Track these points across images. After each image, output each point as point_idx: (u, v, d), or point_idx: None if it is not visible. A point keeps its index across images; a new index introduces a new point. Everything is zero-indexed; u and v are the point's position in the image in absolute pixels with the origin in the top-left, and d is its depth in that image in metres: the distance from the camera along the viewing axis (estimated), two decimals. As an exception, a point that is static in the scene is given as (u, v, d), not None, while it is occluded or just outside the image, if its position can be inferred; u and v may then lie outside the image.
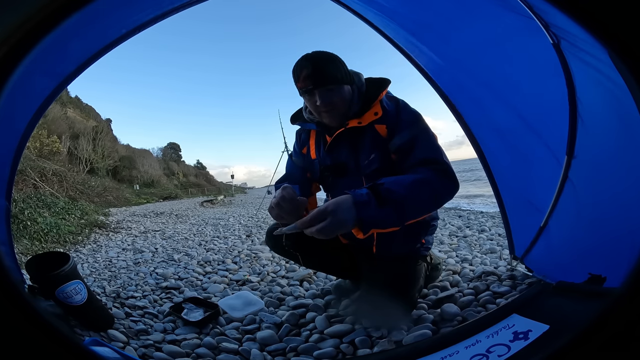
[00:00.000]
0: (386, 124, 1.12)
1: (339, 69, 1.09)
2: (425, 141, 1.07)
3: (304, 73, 1.07)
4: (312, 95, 1.09)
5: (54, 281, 1.15)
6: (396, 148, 1.09)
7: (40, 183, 9.61)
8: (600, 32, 0.42)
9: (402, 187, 0.90)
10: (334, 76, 1.07)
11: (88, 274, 2.41)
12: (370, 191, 0.86)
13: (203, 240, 3.88)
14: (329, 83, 1.07)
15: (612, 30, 0.41)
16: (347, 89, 1.12)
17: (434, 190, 0.96)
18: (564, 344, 0.42)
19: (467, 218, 3.70)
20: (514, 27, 1.07)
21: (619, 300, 0.41)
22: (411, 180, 0.93)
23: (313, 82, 1.06)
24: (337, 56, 1.11)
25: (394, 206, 0.86)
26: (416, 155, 1.04)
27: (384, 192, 0.87)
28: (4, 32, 0.35)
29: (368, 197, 0.85)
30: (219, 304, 1.42)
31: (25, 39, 0.36)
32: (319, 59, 1.08)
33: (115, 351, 0.95)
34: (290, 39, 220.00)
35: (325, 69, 1.06)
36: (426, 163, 1.02)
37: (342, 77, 1.09)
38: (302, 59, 1.09)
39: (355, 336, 1.08)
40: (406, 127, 1.09)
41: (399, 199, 0.87)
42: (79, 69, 1.13)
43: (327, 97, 1.08)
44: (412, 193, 0.91)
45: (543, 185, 1.26)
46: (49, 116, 20.92)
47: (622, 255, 0.83)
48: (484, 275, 1.45)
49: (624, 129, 0.86)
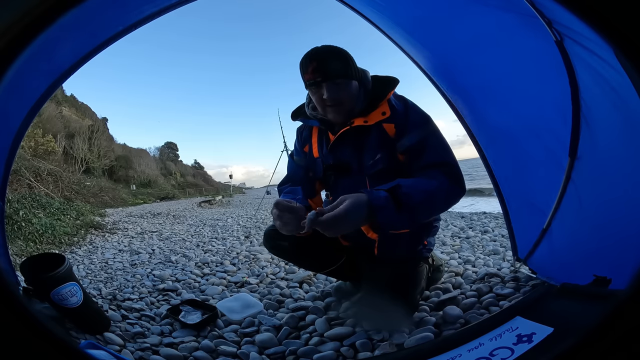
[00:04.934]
0: (395, 123, 1.10)
1: (348, 64, 1.08)
2: (436, 143, 1.07)
3: (313, 65, 1.05)
4: (319, 89, 1.08)
5: (49, 283, 1.13)
6: (405, 149, 1.08)
7: (35, 183, 9.52)
8: (606, 29, 0.41)
9: (419, 192, 0.91)
10: (343, 71, 1.06)
11: (84, 275, 2.38)
12: (389, 195, 0.86)
13: (201, 241, 3.85)
14: (337, 77, 1.05)
15: (618, 28, 0.40)
16: (354, 85, 1.10)
17: (447, 196, 0.98)
18: (569, 347, 0.42)
19: (469, 219, 3.69)
20: (514, 26, 1.06)
21: (624, 303, 0.41)
22: (427, 186, 0.94)
23: (321, 75, 1.05)
24: (347, 51, 1.10)
25: (410, 211, 0.87)
26: (427, 158, 1.04)
27: (402, 197, 0.87)
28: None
29: (386, 201, 0.85)
30: (217, 306, 1.41)
31: (19, 36, 0.36)
32: (329, 52, 1.07)
33: (112, 354, 0.94)
34: (290, 37, 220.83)
35: (334, 63, 1.05)
36: (438, 166, 1.02)
37: (351, 72, 1.08)
38: (311, 51, 1.07)
39: (356, 339, 1.06)
40: (416, 128, 1.08)
41: (415, 205, 0.89)
42: (74, 66, 1.12)
43: (334, 92, 1.06)
44: (427, 199, 0.92)
45: (545, 186, 1.25)
46: (44, 115, 20.73)
47: (627, 257, 0.82)
48: (487, 277, 1.44)
49: (628, 129, 0.86)
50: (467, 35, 1.26)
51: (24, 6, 0.36)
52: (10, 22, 0.35)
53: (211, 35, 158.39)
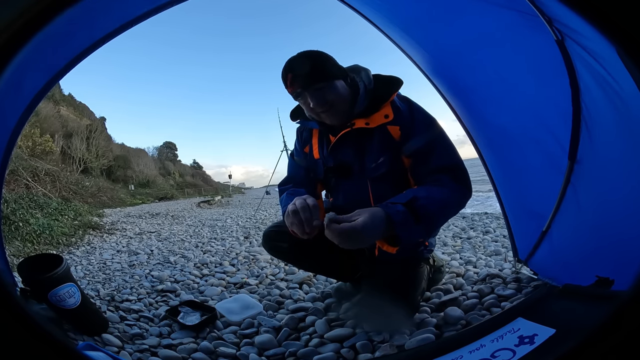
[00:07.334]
0: (400, 125, 1.08)
1: (324, 65, 1.04)
2: (443, 146, 1.06)
3: (290, 77, 1.03)
4: (304, 98, 1.05)
5: (47, 284, 1.12)
6: (411, 152, 1.07)
7: (32, 183, 9.46)
8: (608, 27, 0.41)
9: (434, 203, 0.91)
10: (321, 74, 1.02)
11: (82, 276, 2.36)
12: (407, 208, 0.86)
13: (200, 242, 3.83)
14: (316, 81, 1.02)
15: (619, 25, 0.40)
16: (340, 85, 1.06)
17: (459, 202, 1.00)
18: (571, 348, 0.42)
19: (471, 219, 3.67)
20: (514, 24, 1.05)
21: (627, 304, 0.41)
22: (440, 194, 0.95)
23: (301, 84, 1.02)
24: (322, 52, 1.06)
25: (428, 222, 0.87)
26: (435, 161, 1.03)
27: (420, 209, 0.86)
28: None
29: (405, 215, 0.84)
30: (216, 308, 1.40)
31: (17, 34, 0.35)
32: (303, 59, 1.03)
33: (110, 356, 0.94)
34: (289, 34, 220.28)
35: (310, 68, 1.01)
36: (447, 170, 1.02)
37: (331, 72, 1.04)
38: (286, 62, 1.05)
39: (356, 340, 1.06)
40: (422, 131, 1.07)
41: (432, 216, 0.89)
42: (71, 63, 1.10)
43: (319, 97, 1.03)
44: (442, 208, 0.93)
45: (544, 189, 1.25)
46: (42, 114, 20.61)
47: (629, 258, 0.82)
48: (489, 277, 1.43)
49: (629, 129, 0.85)
50: (465, 33, 1.25)
51: (21, 4, 0.35)
52: (8, 20, 0.35)
53: (210, 32, 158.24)
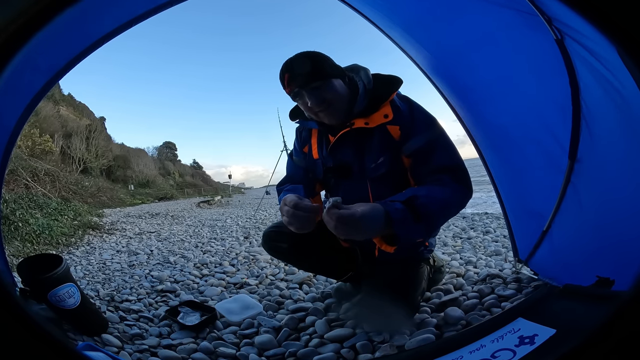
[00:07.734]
0: (400, 125, 1.08)
1: (321, 64, 1.04)
2: (444, 146, 1.06)
3: (287, 76, 1.03)
4: (302, 98, 1.06)
5: (46, 284, 1.12)
6: (412, 152, 1.06)
7: (32, 183, 9.45)
8: (607, 26, 0.41)
9: (435, 202, 0.90)
10: (318, 73, 1.03)
11: (81, 276, 2.36)
12: (406, 206, 0.85)
13: (200, 242, 3.83)
14: (313, 81, 1.02)
15: (619, 25, 0.40)
16: (338, 84, 1.07)
17: (459, 202, 0.99)
18: (572, 348, 0.42)
19: (471, 219, 3.66)
20: (514, 23, 1.05)
21: (627, 304, 0.41)
22: (441, 194, 0.94)
23: (298, 84, 1.03)
24: (318, 52, 1.07)
25: (428, 222, 0.87)
26: (436, 161, 1.03)
27: (420, 208, 0.86)
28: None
29: (404, 213, 0.84)
30: (216, 308, 1.40)
31: (16, 35, 0.35)
32: (299, 60, 1.04)
33: (109, 356, 0.94)
34: (289, 32, 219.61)
35: (306, 68, 1.02)
36: (447, 171, 1.01)
37: (327, 71, 1.05)
38: (284, 63, 1.05)
39: (356, 341, 1.05)
40: (422, 130, 1.07)
41: (432, 215, 0.88)
42: (70, 63, 1.10)
43: (317, 96, 1.03)
44: (442, 207, 0.92)
45: (544, 189, 1.25)
46: (41, 114, 20.59)
47: (630, 258, 0.82)
48: (489, 278, 1.43)
49: (629, 128, 0.85)
50: (465, 33, 1.24)
51: (21, 4, 0.35)
52: (8, 20, 0.35)
53: (209, 31, 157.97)
